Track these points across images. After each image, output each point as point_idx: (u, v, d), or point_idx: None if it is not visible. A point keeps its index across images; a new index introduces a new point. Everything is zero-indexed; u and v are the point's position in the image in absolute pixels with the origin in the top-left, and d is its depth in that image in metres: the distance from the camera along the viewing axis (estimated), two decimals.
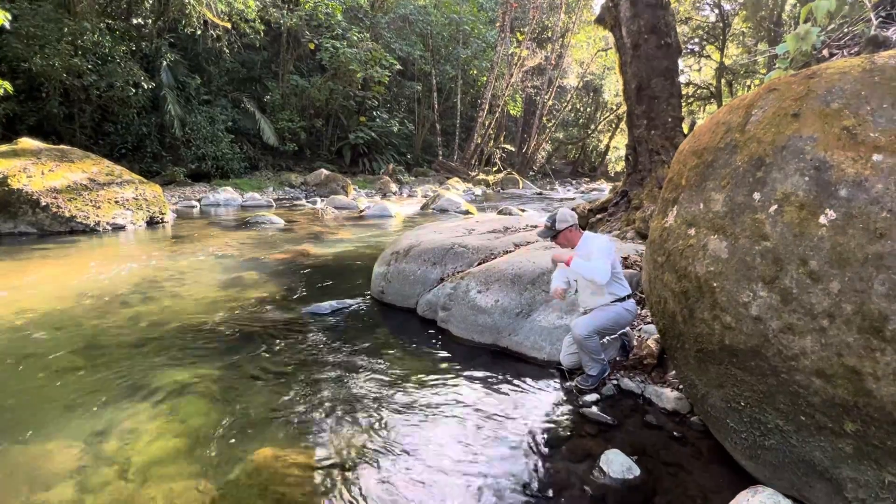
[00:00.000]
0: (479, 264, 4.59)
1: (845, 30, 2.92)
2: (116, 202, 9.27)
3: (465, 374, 3.41)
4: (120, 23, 14.89)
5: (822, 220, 1.71)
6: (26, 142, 9.42)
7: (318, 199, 15.44)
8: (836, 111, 1.80)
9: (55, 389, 3.04)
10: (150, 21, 15.60)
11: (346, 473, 2.30)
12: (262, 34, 17.61)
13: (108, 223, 8.93)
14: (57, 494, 2.11)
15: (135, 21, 15.26)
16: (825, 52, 2.74)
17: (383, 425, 2.71)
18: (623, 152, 9.20)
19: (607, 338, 3.20)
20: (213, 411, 2.81)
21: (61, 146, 10.08)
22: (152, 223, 9.80)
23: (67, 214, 8.47)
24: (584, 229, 3.34)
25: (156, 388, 3.07)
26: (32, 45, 12.25)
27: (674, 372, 3.11)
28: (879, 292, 1.57)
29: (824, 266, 1.69)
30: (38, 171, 8.62)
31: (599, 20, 7.20)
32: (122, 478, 2.22)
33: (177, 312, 4.52)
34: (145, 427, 2.63)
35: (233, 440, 2.52)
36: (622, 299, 3.07)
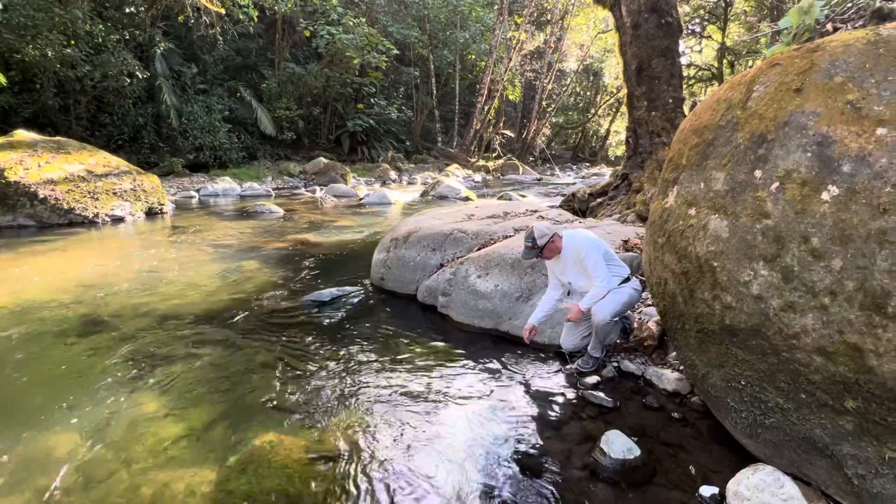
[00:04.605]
0: (479, 249, 4.58)
1: (850, 3, 2.85)
2: (115, 193, 9.22)
3: (466, 358, 3.42)
4: (112, 11, 14.65)
5: (825, 196, 1.69)
6: (22, 134, 9.34)
7: (318, 188, 15.36)
8: (839, 85, 1.77)
9: (57, 378, 3.05)
10: (142, 9, 15.34)
11: (347, 458, 2.31)
12: (256, 21, 17.34)
13: (106, 215, 8.90)
14: (61, 481, 2.13)
15: (127, 10, 15.00)
16: (829, 27, 2.68)
17: (384, 411, 2.72)
18: (623, 136, 9.12)
19: (615, 319, 3.20)
20: (214, 398, 2.82)
21: (57, 138, 10.00)
22: (151, 214, 9.77)
23: (66, 206, 8.43)
24: (584, 214, 3.32)
25: (157, 376, 3.08)
26: (24, 35, 12.08)
27: (674, 353, 3.11)
28: (882, 268, 1.55)
29: (826, 243, 1.66)
30: (34, 163, 8.56)
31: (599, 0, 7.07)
32: (125, 464, 2.24)
33: (177, 302, 4.52)
34: (147, 414, 2.64)
35: (233, 427, 2.53)
36: (627, 279, 3.07)
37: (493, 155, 27.56)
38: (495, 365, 3.31)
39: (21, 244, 6.93)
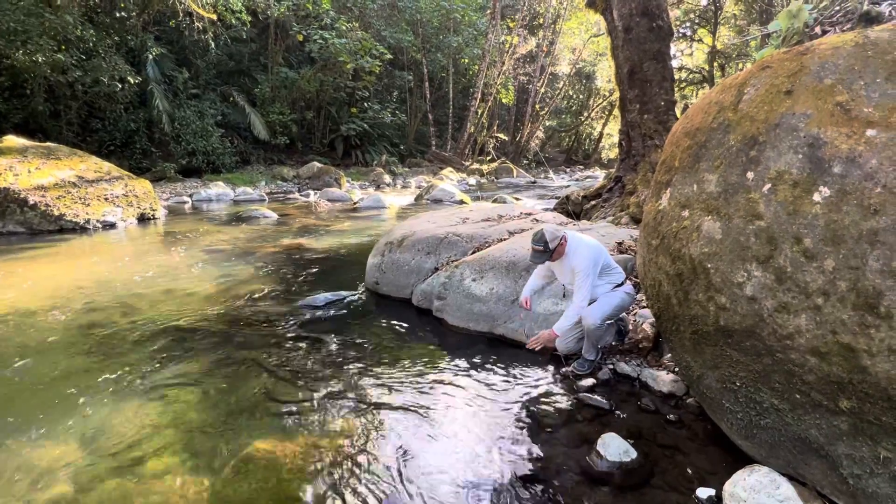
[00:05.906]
0: (474, 253, 4.57)
1: (837, 6, 2.89)
2: (106, 199, 9.14)
3: (462, 362, 3.40)
4: (103, 16, 14.58)
5: (816, 197, 1.70)
6: (12, 140, 9.25)
7: (312, 193, 15.33)
8: (829, 87, 1.78)
9: (50, 386, 3.01)
10: (133, 14, 15.27)
11: (342, 463, 2.29)
12: (248, 25, 17.31)
13: (98, 221, 8.82)
14: (53, 490, 2.09)
15: (118, 14, 14.92)
16: (818, 30, 2.71)
17: (378, 414, 2.70)
18: (616, 139, 9.18)
19: (606, 322, 3.20)
20: (208, 405, 2.79)
21: (48, 144, 9.92)
22: (143, 220, 9.69)
23: (56, 213, 8.35)
24: (578, 216, 3.33)
25: (150, 383, 3.04)
26: (14, 40, 11.99)
27: (669, 355, 3.12)
28: (874, 269, 1.56)
29: (818, 244, 1.67)
30: (24, 169, 8.48)
31: (590, 3, 7.12)
32: (118, 472, 2.21)
33: (170, 308, 4.48)
34: (140, 422, 2.61)
35: (228, 433, 2.51)
36: (620, 284, 3.07)
37: (487, 158, 27.61)
38: (491, 368, 3.30)
39: (12, 251, 6.85)
